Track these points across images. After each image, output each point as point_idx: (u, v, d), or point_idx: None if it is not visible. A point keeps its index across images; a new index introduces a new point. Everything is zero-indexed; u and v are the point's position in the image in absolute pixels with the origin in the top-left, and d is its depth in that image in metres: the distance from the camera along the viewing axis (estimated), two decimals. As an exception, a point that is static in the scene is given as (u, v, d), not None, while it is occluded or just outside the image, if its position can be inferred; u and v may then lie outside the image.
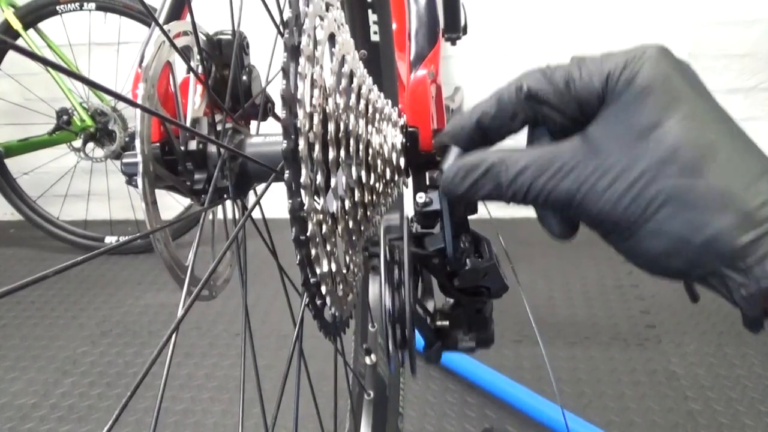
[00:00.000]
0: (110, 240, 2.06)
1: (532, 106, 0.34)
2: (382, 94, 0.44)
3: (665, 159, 0.30)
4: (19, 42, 1.83)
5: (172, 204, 1.55)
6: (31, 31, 1.87)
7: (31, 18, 1.85)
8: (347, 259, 0.41)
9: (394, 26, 0.82)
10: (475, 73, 2.04)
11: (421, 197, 0.42)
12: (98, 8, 1.81)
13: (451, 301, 0.49)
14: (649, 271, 0.33)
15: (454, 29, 1.53)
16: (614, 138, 0.31)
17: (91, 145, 1.95)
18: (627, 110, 0.31)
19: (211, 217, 0.52)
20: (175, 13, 0.47)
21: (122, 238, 2.04)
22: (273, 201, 0.66)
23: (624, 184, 0.31)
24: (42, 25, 1.90)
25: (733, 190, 0.29)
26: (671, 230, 0.30)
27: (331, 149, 0.36)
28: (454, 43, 1.60)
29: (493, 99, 0.36)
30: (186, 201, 0.51)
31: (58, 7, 1.83)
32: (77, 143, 1.93)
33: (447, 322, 0.49)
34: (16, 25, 1.82)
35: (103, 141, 1.94)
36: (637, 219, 0.31)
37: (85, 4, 1.81)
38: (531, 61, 2.27)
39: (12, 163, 2.07)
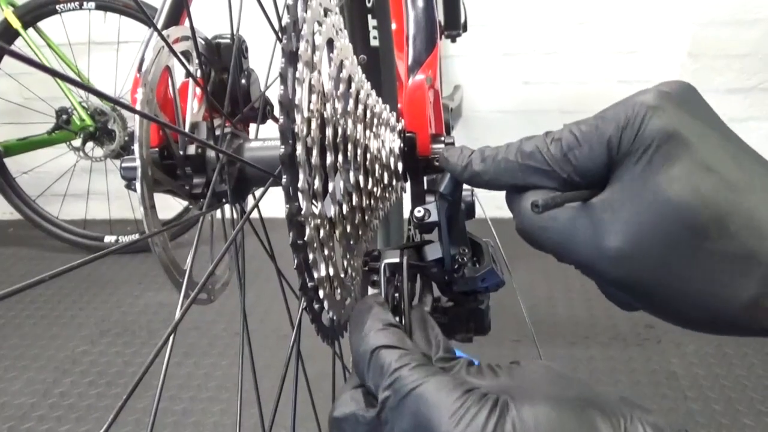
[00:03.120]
0: (109, 239, 2.06)
1: (529, 179, 0.33)
2: (380, 99, 0.44)
3: (690, 224, 0.28)
4: (19, 41, 1.83)
5: (171, 204, 1.55)
6: (30, 30, 1.87)
7: (30, 17, 1.85)
8: (345, 263, 0.41)
9: (393, 26, 0.81)
10: (475, 72, 2.04)
11: (420, 212, 0.42)
12: (98, 7, 1.81)
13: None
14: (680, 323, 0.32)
15: (454, 26, 1.52)
16: (627, 201, 0.30)
17: (90, 144, 1.95)
18: (638, 177, 0.29)
19: (209, 219, 0.52)
20: (174, 18, 0.47)
21: (122, 238, 2.04)
22: (272, 201, 0.66)
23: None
24: (41, 24, 1.89)
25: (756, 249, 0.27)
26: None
27: (328, 154, 0.36)
28: (454, 40, 1.60)
29: (489, 164, 0.35)
30: (185, 201, 0.51)
31: (57, 6, 1.82)
32: (76, 142, 1.93)
33: (446, 319, 0.50)
34: (16, 24, 1.82)
35: (102, 140, 1.94)
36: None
37: (85, 3, 1.80)
38: (531, 60, 2.26)
39: (11, 163, 2.07)
